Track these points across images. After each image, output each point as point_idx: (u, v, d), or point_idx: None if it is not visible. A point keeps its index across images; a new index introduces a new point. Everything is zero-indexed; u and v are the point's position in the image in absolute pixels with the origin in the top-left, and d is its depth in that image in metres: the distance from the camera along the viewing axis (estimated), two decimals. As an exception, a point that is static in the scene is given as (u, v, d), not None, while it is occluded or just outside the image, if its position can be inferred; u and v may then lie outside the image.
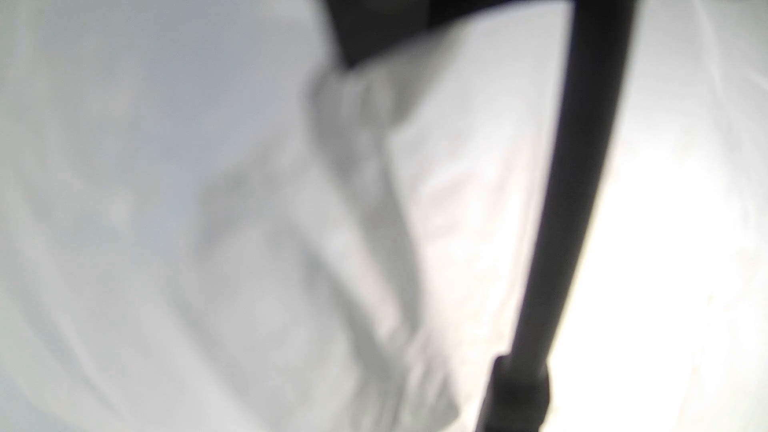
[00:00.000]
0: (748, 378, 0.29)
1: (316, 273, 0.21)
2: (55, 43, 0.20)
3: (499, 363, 0.21)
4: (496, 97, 0.23)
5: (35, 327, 0.22)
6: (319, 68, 0.19)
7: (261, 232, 0.20)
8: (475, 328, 0.26)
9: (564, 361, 0.22)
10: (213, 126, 0.20)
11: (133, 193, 0.20)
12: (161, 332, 0.21)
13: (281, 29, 0.19)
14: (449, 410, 0.26)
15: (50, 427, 0.23)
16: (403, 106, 0.20)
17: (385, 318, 0.23)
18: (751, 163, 0.27)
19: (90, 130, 0.20)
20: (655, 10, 0.23)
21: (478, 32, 0.22)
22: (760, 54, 0.26)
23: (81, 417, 0.23)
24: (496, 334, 0.26)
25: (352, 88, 0.19)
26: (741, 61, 0.26)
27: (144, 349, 0.21)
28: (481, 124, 0.23)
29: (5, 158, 0.21)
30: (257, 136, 0.20)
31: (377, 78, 0.20)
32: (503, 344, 0.21)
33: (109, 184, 0.20)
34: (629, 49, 0.12)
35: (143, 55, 0.20)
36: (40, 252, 0.21)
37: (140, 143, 0.20)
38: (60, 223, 0.21)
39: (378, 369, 0.23)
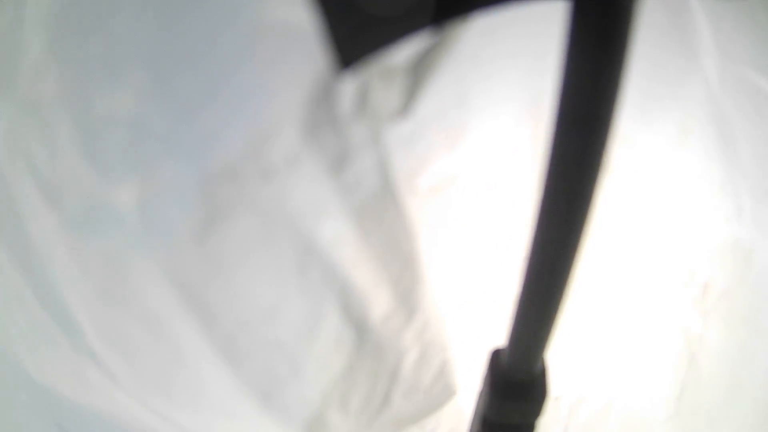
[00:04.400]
0: (746, 367, 0.29)
1: (309, 257, 0.22)
2: (64, 45, 0.22)
3: (496, 356, 0.21)
4: (494, 94, 0.23)
5: (44, 303, 0.24)
6: (315, 67, 0.20)
7: (255, 219, 0.22)
8: (474, 320, 0.26)
9: (560, 351, 0.23)
10: (211, 123, 0.21)
11: (138, 184, 0.22)
12: (163, 309, 0.23)
13: (279, 32, 0.20)
14: (445, 395, 0.27)
15: (51, 400, 0.25)
16: (400, 101, 0.21)
17: (380, 302, 0.24)
18: (746, 159, 0.27)
19: (98, 126, 0.22)
20: (650, 9, 0.24)
21: (476, 30, 0.22)
22: (756, 52, 0.26)
23: (84, 389, 0.24)
24: (496, 326, 0.26)
25: (349, 85, 0.20)
26: (737, 59, 0.27)
27: (146, 325, 0.23)
28: (478, 121, 0.23)
29: (18, 149, 0.22)
30: (251, 132, 0.21)
31: (375, 74, 0.21)
32: (503, 337, 0.21)
33: (116, 176, 0.22)
34: (628, 47, 0.12)
35: (146, 57, 0.21)
36: (50, 235, 0.22)
37: (144, 139, 0.22)
38: (69, 210, 0.22)
39: (370, 350, 0.24)
